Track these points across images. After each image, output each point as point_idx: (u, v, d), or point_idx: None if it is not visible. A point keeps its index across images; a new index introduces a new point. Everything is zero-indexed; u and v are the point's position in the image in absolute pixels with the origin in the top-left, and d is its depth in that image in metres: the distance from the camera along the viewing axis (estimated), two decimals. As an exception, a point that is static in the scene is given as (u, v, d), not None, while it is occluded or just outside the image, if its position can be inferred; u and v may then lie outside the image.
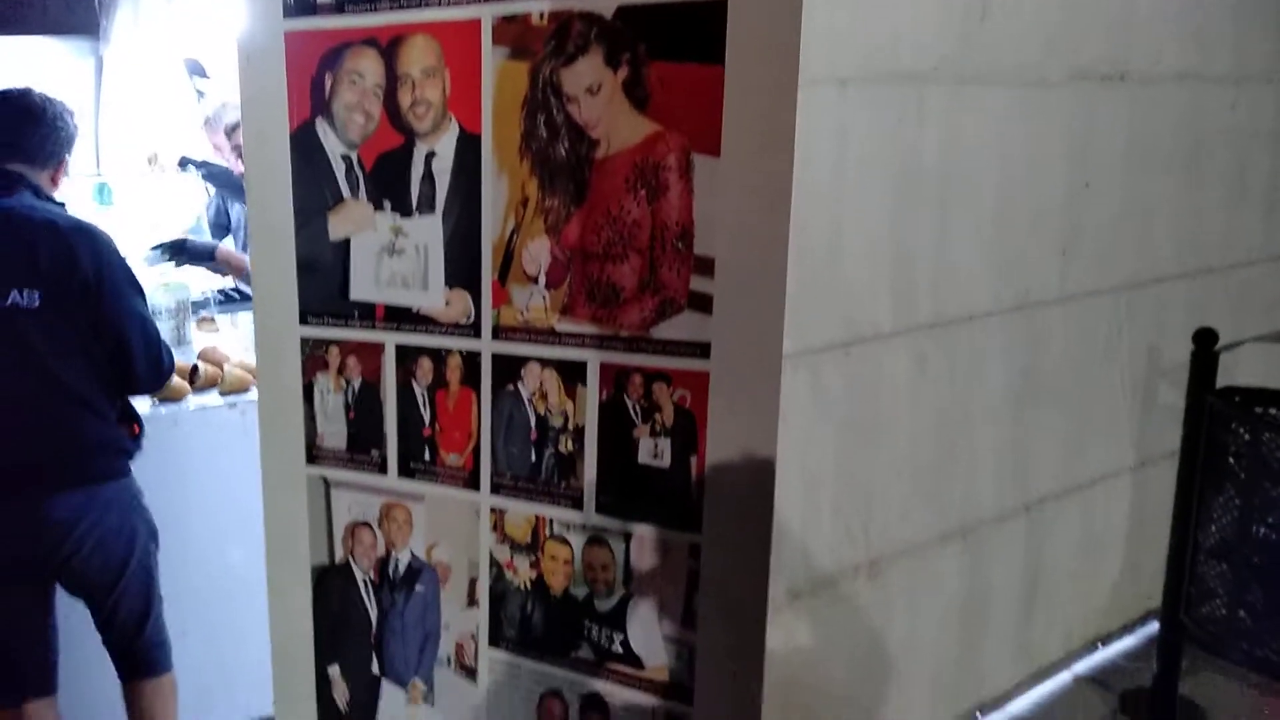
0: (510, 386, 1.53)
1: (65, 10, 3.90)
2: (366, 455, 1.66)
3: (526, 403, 1.52)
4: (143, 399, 2.46)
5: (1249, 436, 2.45)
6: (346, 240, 1.61)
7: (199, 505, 2.51)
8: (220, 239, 3.55)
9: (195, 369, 2.61)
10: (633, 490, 1.47)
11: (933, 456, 2.39)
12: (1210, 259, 3.02)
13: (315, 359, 1.67)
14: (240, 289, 3.18)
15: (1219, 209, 3.02)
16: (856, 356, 2.16)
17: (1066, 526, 2.80)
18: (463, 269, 1.53)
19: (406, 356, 1.60)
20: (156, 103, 4.03)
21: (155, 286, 2.72)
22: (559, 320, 1.47)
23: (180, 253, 2.98)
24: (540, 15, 1.40)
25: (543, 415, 1.51)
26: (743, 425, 1.39)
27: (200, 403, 2.56)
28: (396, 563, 1.68)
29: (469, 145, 1.49)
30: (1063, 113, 2.48)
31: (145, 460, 2.22)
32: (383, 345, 1.61)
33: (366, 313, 1.61)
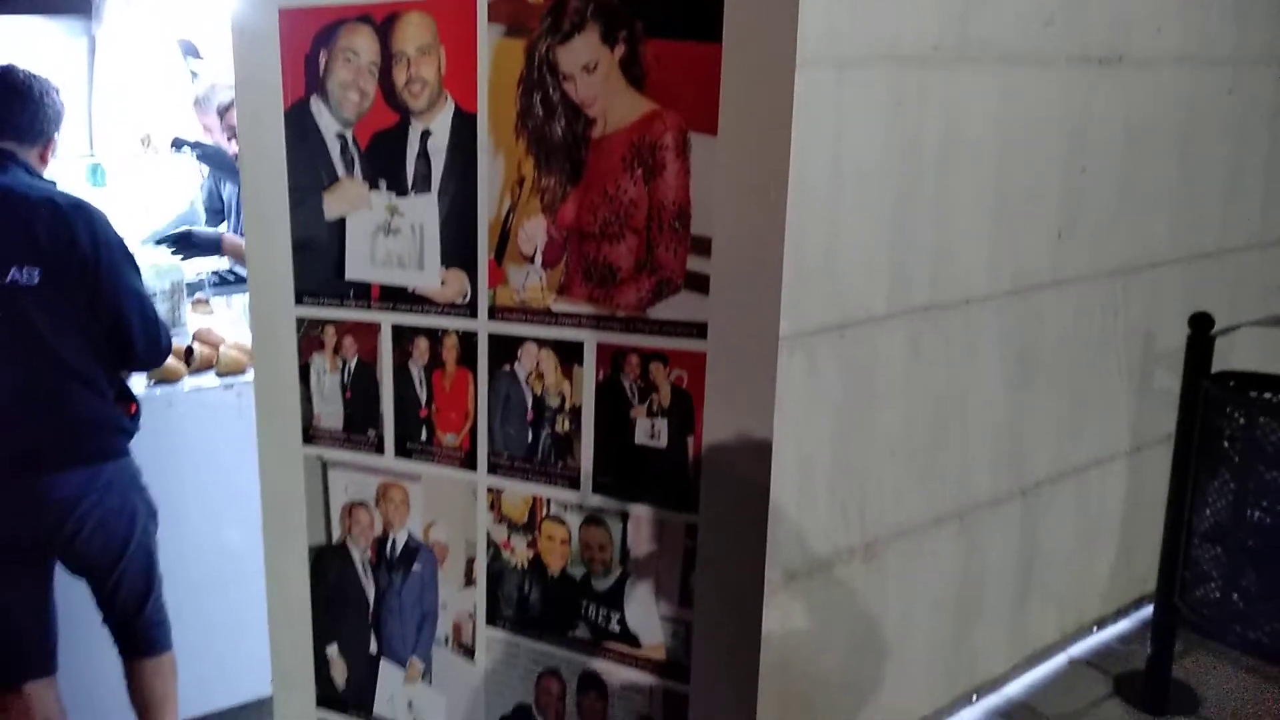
0: (507, 367, 1.52)
1: (57, -11, 3.88)
2: (363, 435, 1.66)
3: (523, 383, 1.52)
4: (138, 381, 2.46)
5: (1244, 421, 2.46)
6: (342, 220, 1.60)
7: (195, 487, 2.51)
8: (215, 223, 3.54)
9: (190, 350, 2.60)
10: (629, 470, 1.47)
11: (928, 440, 2.39)
12: (1207, 243, 3.02)
13: (311, 339, 1.67)
14: (235, 271, 3.17)
15: (1216, 193, 3.02)
16: (851, 339, 2.16)
17: (1062, 510, 2.81)
18: (458, 248, 1.52)
19: (403, 336, 1.59)
20: (149, 83, 4.00)
21: (148, 268, 2.71)
22: (555, 300, 1.47)
23: (187, 245, 2.95)
24: (537, -8, 1.39)
25: (539, 395, 1.51)
26: (739, 405, 1.39)
27: (196, 384, 2.56)
28: (394, 543, 1.68)
29: (464, 124, 1.48)
30: (1060, 96, 2.47)
31: (141, 442, 2.22)
32: (379, 325, 1.60)
33: (362, 292, 1.61)
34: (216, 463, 2.52)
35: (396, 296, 1.58)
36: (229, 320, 2.98)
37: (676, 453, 1.43)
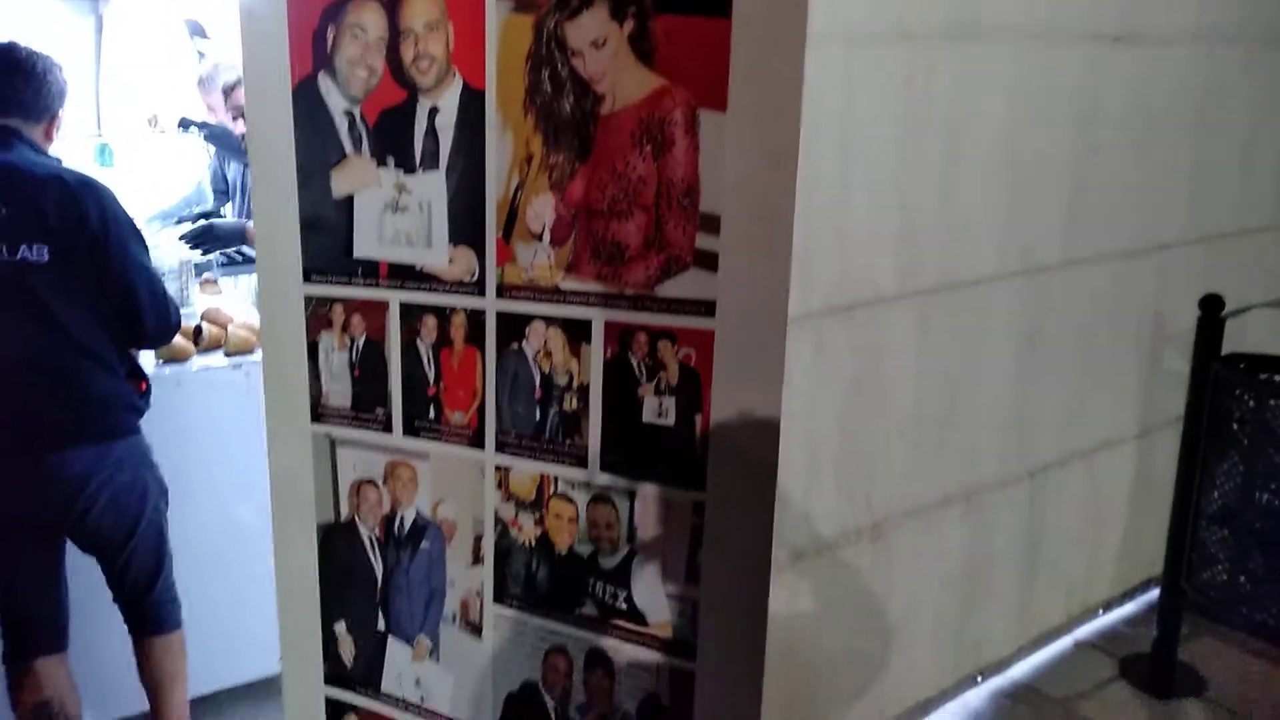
0: (515, 345, 1.52)
1: (64, -31, 3.87)
2: (371, 414, 1.66)
3: (531, 361, 1.52)
4: (147, 359, 2.46)
5: (1253, 403, 2.45)
6: (349, 197, 1.59)
7: (204, 466, 2.52)
8: (220, 204, 3.54)
9: (199, 330, 2.61)
10: (637, 448, 1.47)
11: (936, 421, 2.39)
12: (1218, 224, 3.00)
13: (319, 317, 1.66)
14: (243, 251, 3.17)
15: (1229, 174, 2.99)
16: (860, 319, 2.15)
17: (1069, 492, 2.81)
18: (467, 226, 1.52)
19: (411, 315, 1.59)
20: (157, 63, 3.99)
21: (155, 248, 2.71)
22: (563, 278, 1.46)
23: (210, 239, 2.95)
24: (545, -33, 1.38)
25: (547, 374, 1.51)
26: (748, 384, 1.39)
27: (204, 363, 2.56)
28: (402, 520, 1.68)
29: (473, 100, 1.47)
30: (1072, 74, 2.45)
31: (150, 421, 2.23)
32: (387, 303, 1.60)
33: (370, 270, 1.60)
34: (225, 442, 2.53)
35: (404, 274, 1.58)
36: (237, 300, 2.98)
37: (684, 431, 1.43)
